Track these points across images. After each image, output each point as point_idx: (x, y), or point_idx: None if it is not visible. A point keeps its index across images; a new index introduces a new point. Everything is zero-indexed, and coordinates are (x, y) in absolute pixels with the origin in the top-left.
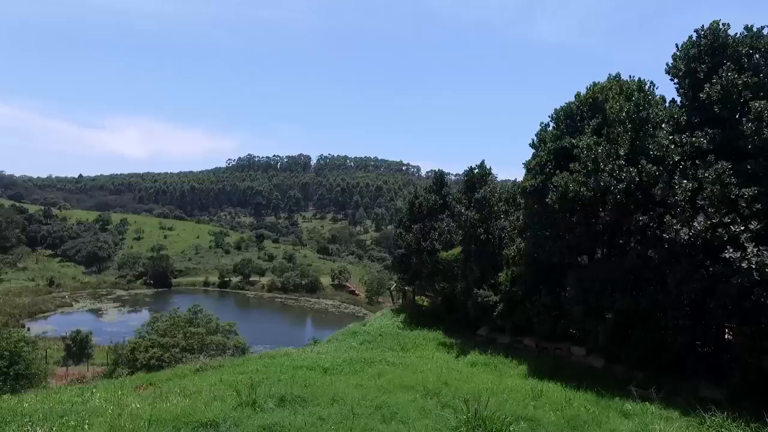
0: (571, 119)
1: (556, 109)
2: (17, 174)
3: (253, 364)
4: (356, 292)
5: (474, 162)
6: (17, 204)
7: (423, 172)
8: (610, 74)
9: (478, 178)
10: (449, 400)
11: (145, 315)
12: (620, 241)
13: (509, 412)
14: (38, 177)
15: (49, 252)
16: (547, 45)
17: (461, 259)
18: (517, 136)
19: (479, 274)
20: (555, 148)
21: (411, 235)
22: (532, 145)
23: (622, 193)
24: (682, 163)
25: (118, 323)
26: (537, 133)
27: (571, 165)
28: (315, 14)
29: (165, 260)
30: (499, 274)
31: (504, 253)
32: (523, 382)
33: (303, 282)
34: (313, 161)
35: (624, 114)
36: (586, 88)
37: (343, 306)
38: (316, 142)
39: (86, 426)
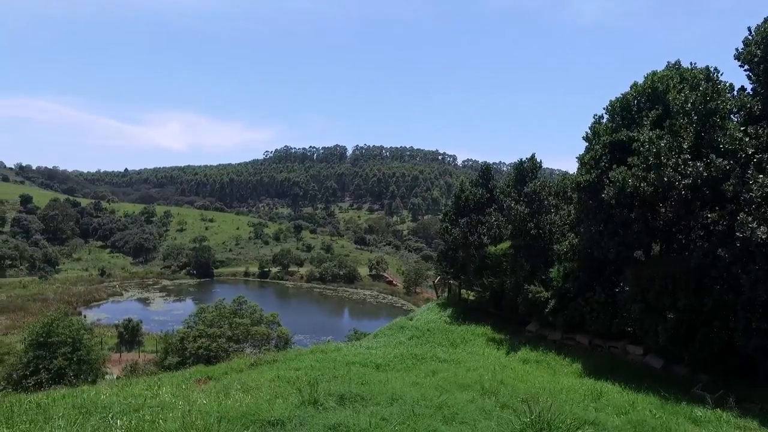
0: (627, 111)
1: (611, 101)
2: (70, 169)
3: (307, 360)
4: (394, 282)
5: (510, 150)
6: (71, 198)
7: (459, 162)
8: (669, 62)
9: (527, 171)
10: (507, 400)
11: (188, 304)
12: (680, 238)
13: (570, 414)
14: (88, 172)
15: (100, 243)
16: (585, 28)
17: (510, 253)
18: (554, 123)
19: (529, 269)
20: (610, 141)
21: (457, 229)
22: (586, 139)
23: (687, 189)
24: (757, 156)
25: (164, 312)
26: (590, 126)
27: (629, 159)
28: (349, 4)
29: (207, 251)
30: (550, 269)
31: (555, 248)
32: (579, 382)
33: (341, 272)
34: (349, 152)
35: (690, 105)
36: (644, 77)
37: (381, 296)
38: (351, 133)
39: (160, 420)
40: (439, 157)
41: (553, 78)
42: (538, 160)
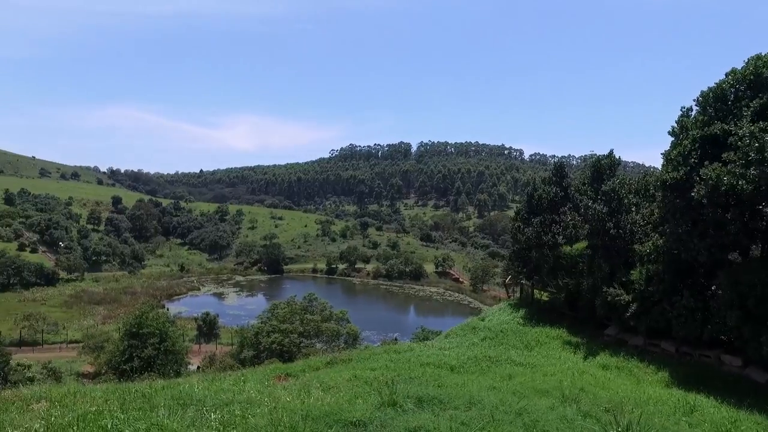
0: (722, 102)
1: (702, 92)
2: (152, 172)
3: (381, 360)
4: (460, 279)
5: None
6: (153, 198)
7: (526, 156)
8: None
9: (605, 168)
10: (590, 409)
11: (260, 299)
12: None
13: (661, 428)
14: (167, 173)
15: (179, 241)
16: (662, 9)
17: (587, 254)
18: (628, 113)
19: (608, 270)
20: (701, 136)
21: (530, 228)
22: (672, 133)
23: None
24: None
25: (238, 306)
26: (677, 120)
27: (724, 155)
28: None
29: (277, 248)
30: (631, 271)
31: (636, 249)
32: (667, 392)
33: (407, 269)
34: (414, 148)
35: None
36: (745, 61)
37: (447, 293)
38: (416, 130)
39: (250, 416)
40: (505, 152)
41: (628, 66)
42: (617, 156)
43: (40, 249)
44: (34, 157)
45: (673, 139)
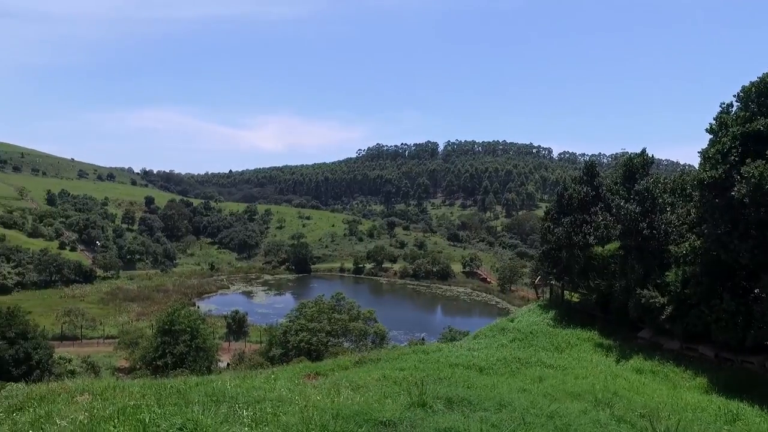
0: (765, 97)
1: (744, 87)
2: (183, 172)
3: (410, 360)
4: (488, 279)
5: (610, 140)
6: (185, 198)
7: (555, 154)
8: None
9: (638, 167)
10: (624, 414)
11: (288, 298)
12: None
13: None
14: (198, 174)
15: (209, 240)
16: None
17: (619, 255)
18: (659, 110)
19: (642, 272)
20: (742, 132)
21: (560, 228)
22: (710, 131)
23: None
24: None
25: (266, 305)
26: (716, 117)
27: None
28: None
29: (304, 247)
30: (666, 273)
31: (671, 250)
32: (706, 399)
33: (434, 269)
34: (441, 148)
35: None
36: None
37: (475, 294)
38: (442, 129)
39: (280, 414)
40: (534, 150)
41: (658, 60)
42: (650, 155)
43: (79, 248)
44: (73, 159)
45: (711, 136)
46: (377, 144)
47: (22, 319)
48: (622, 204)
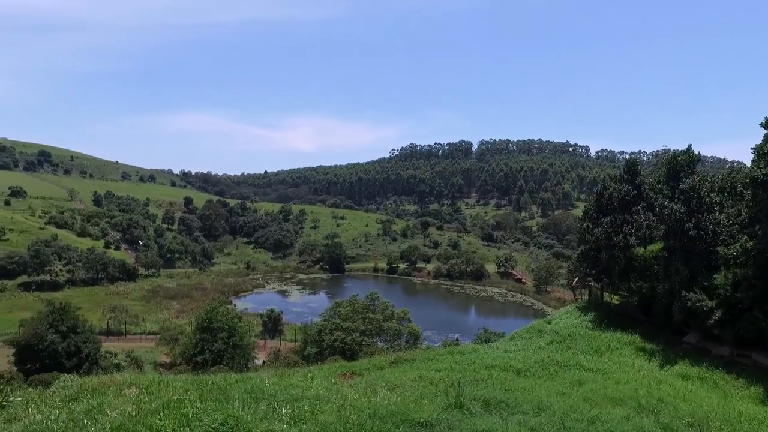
0: None
1: None
2: (220, 173)
3: (446, 361)
4: (523, 280)
5: (650, 138)
6: (222, 199)
7: (593, 152)
8: None
9: (683, 164)
10: (670, 422)
11: (322, 297)
12: None
13: None
14: (234, 174)
15: (245, 239)
16: None
17: (663, 256)
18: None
19: (687, 274)
20: None
21: (600, 228)
22: (765, 125)
23: None
24: None
25: (301, 304)
26: None
27: None
28: None
29: (338, 247)
30: (715, 275)
31: (720, 251)
32: (762, 410)
33: (468, 269)
34: (475, 147)
35: None
36: None
37: (509, 294)
38: (476, 128)
39: (318, 412)
40: (570, 149)
41: (707, 52)
42: (696, 152)
43: (123, 246)
44: (117, 162)
45: (766, 132)
46: (410, 144)
47: (72, 314)
48: (666, 203)
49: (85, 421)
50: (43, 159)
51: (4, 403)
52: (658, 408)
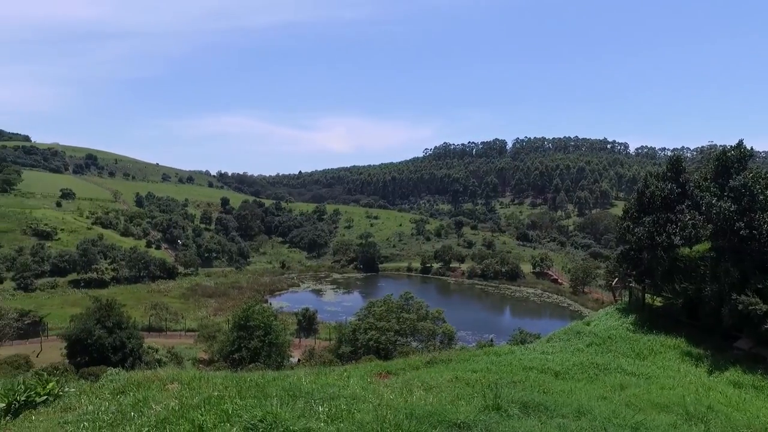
0: None
1: None
2: (255, 174)
3: (482, 362)
4: (559, 280)
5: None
6: (257, 199)
7: (632, 149)
8: None
9: (733, 161)
10: None
11: (356, 296)
12: None
13: None
14: (269, 175)
15: (280, 239)
16: None
17: (710, 257)
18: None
19: (738, 276)
20: None
21: (642, 228)
22: None
23: None
24: None
25: (335, 303)
26: None
27: None
28: None
29: (372, 247)
30: None
31: None
32: None
33: (503, 269)
34: (509, 145)
35: None
36: None
37: (545, 295)
38: (510, 126)
39: (355, 411)
40: (608, 146)
41: (748, 41)
42: (748, 147)
43: (163, 246)
44: (157, 164)
45: None
46: (444, 143)
47: (117, 311)
48: (713, 202)
49: (132, 413)
50: (90, 162)
51: (60, 393)
52: (708, 416)
